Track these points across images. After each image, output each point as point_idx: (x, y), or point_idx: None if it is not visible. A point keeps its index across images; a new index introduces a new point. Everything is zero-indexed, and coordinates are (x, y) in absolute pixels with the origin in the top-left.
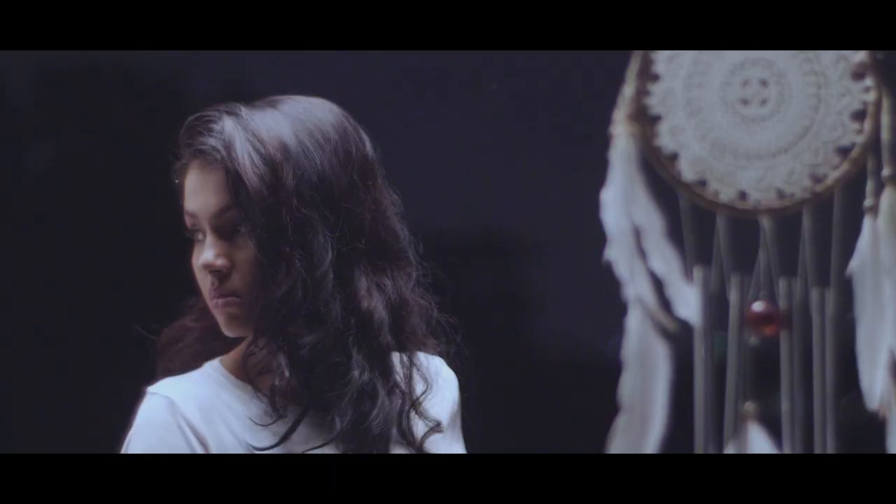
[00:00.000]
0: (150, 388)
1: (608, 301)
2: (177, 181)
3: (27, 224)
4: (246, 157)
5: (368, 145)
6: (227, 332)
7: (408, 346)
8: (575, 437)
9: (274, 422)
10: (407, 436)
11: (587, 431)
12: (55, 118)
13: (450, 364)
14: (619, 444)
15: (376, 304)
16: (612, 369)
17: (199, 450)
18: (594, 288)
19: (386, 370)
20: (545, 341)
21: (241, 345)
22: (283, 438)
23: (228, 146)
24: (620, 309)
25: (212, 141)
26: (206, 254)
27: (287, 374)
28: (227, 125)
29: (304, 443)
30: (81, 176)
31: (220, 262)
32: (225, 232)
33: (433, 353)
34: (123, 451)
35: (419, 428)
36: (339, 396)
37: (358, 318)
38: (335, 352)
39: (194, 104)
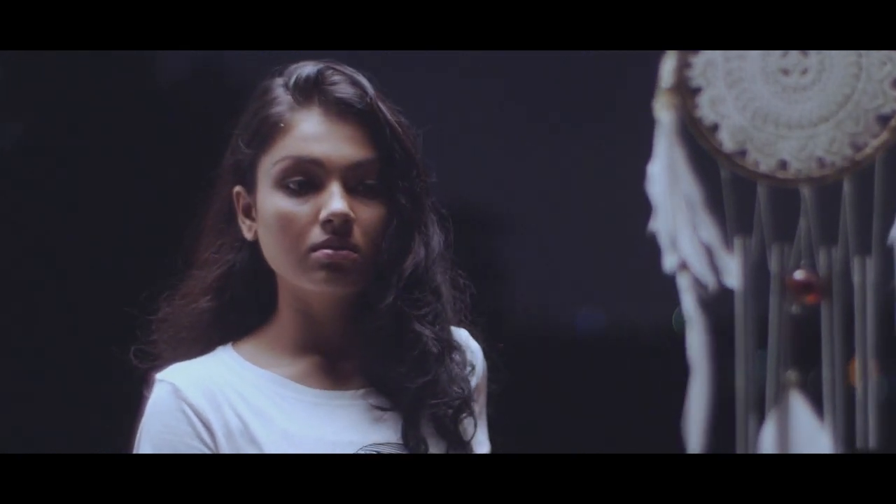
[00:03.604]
0: (158, 375)
1: (582, 275)
2: (280, 125)
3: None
4: (392, 118)
5: None
6: (326, 286)
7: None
8: (551, 410)
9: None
10: (460, 433)
11: (566, 405)
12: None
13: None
14: (691, 405)
15: (448, 288)
16: (588, 342)
17: (205, 434)
18: (569, 262)
19: (452, 348)
20: (520, 314)
21: (257, 331)
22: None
23: (376, 103)
24: (597, 283)
25: (355, 91)
26: (337, 203)
27: (433, 338)
28: (366, 83)
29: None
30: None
31: (351, 213)
32: (351, 185)
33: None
34: (136, 438)
35: (468, 427)
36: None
37: (441, 298)
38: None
39: (170, 87)
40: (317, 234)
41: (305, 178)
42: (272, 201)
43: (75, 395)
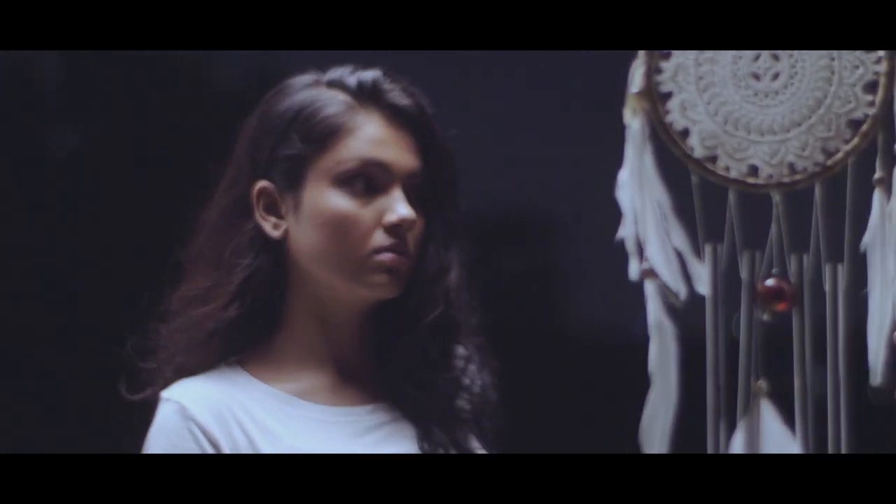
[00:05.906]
0: (164, 394)
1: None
2: (349, 125)
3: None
4: (440, 131)
5: None
6: (383, 290)
7: None
8: (601, 417)
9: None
10: (471, 445)
11: (615, 409)
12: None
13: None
14: (647, 414)
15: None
16: (639, 347)
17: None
18: (621, 266)
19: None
20: (574, 320)
21: (263, 344)
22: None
23: (429, 116)
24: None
25: (411, 102)
26: (405, 209)
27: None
28: (420, 95)
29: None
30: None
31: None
32: (407, 192)
33: None
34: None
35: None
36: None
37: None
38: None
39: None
40: (381, 238)
41: (369, 180)
42: (331, 201)
43: (68, 396)
